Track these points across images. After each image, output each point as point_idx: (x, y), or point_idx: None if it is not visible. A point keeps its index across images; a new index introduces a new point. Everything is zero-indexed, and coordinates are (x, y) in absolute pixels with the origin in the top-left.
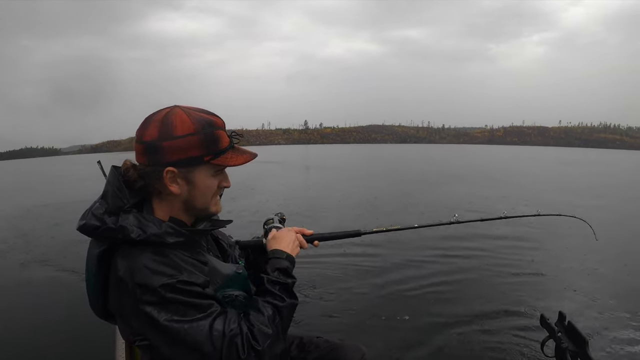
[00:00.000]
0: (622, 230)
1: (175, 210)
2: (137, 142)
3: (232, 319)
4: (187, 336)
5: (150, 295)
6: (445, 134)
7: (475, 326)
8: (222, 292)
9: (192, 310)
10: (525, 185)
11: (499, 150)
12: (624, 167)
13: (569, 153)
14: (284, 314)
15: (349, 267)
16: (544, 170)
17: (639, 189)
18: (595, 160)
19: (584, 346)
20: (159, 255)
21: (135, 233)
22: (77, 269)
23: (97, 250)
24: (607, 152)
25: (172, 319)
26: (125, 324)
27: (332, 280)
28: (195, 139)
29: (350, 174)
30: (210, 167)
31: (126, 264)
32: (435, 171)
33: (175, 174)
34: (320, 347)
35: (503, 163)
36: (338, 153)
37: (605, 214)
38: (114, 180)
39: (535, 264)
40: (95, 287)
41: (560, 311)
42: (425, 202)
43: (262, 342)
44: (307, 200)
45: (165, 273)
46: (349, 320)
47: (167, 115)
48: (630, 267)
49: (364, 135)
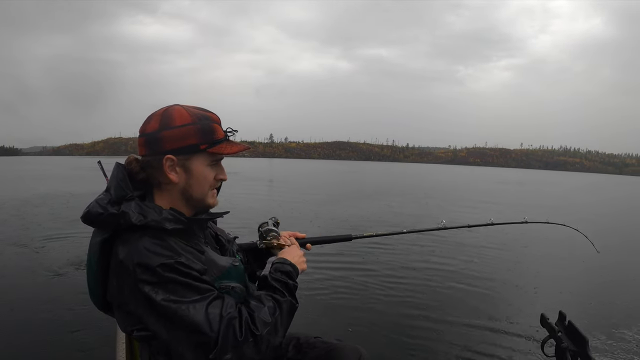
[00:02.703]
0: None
1: (174, 201)
2: (140, 136)
3: (230, 303)
4: (184, 317)
5: (149, 274)
6: (409, 153)
7: (475, 327)
8: (218, 283)
9: (190, 292)
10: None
11: (455, 169)
12: (565, 187)
13: (518, 174)
14: (283, 309)
15: (346, 269)
16: (474, 187)
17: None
18: (537, 180)
19: (585, 346)
20: (158, 239)
21: (136, 218)
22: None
23: (100, 238)
24: (562, 174)
25: (170, 299)
26: (123, 311)
27: (331, 280)
28: (192, 128)
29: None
30: (206, 157)
31: (126, 248)
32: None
33: (174, 162)
34: (318, 347)
35: (442, 181)
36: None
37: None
38: (117, 173)
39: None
40: (97, 275)
41: (561, 311)
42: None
43: (261, 329)
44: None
45: (164, 254)
46: (347, 321)
47: (167, 109)
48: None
49: (329, 151)
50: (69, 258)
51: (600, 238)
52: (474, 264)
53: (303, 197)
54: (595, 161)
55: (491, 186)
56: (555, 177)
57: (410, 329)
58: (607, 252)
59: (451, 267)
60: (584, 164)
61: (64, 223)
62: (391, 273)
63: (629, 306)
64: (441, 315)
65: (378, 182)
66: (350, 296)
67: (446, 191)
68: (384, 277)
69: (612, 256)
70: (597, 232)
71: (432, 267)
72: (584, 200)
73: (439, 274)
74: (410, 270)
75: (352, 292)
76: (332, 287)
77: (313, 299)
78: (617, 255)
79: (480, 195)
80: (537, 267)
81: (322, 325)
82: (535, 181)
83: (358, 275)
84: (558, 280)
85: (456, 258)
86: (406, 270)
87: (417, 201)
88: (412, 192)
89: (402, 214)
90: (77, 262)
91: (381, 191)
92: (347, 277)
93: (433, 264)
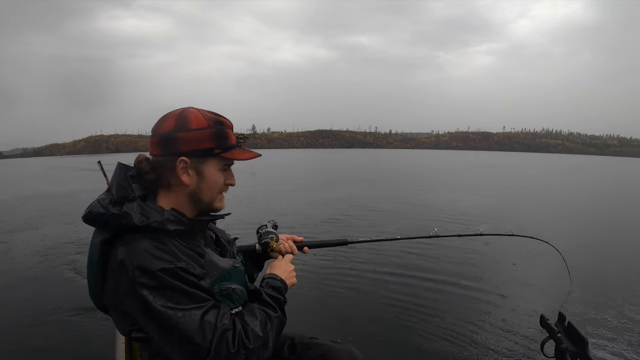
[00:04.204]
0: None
1: (180, 202)
2: (153, 135)
3: (225, 314)
4: (178, 324)
5: (148, 278)
6: (393, 139)
7: (473, 327)
8: (219, 285)
9: (187, 299)
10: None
11: (437, 154)
12: (542, 169)
13: (499, 157)
14: (274, 324)
15: (344, 270)
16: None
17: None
18: (514, 163)
19: (584, 347)
20: (158, 242)
21: (138, 219)
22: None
23: (101, 237)
24: (544, 156)
25: (167, 305)
26: (119, 312)
27: (329, 280)
28: (208, 133)
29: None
30: (219, 161)
31: (126, 249)
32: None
33: (187, 164)
34: (312, 349)
35: (420, 166)
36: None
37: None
38: (119, 173)
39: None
40: (97, 274)
41: (560, 312)
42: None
43: (253, 342)
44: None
45: (165, 259)
46: (344, 322)
47: (183, 111)
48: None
49: (312, 140)
50: (68, 257)
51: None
52: (471, 265)
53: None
54: (577, 142)
55: (465, 170)
56: (534, 160)
57: (406, 330)
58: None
59: (450, 267)
60: (566, 146)
61: (65, 223)
62: (391, 272)
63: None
64: (437, 316)
65: (352, 175)
66: (345, 296)
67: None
68: (381, 278)
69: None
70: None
71: (431, 267)
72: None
73: (436, 274)
74: (407, 271)
75: (349, 293)
76: (330, 287)
77: (311, 298)
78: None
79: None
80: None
81: (317, 325)
82: (509, 163)
83: (354, 276)
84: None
85: (453, 259)
86: (404, 270)
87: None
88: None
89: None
90: (77, 261)
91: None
92: (344, 278)
93: (431, 265)
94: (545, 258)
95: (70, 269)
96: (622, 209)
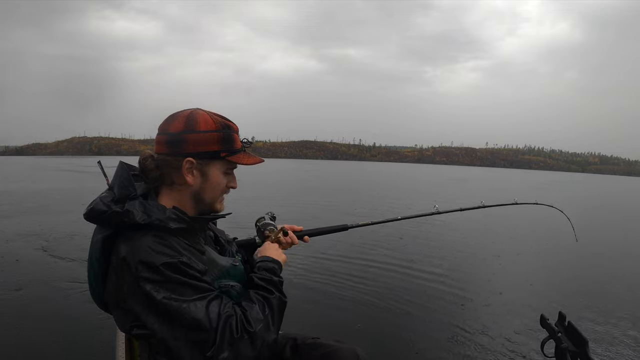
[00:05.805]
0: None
1: (182, 201)
2: (161, 134)
3: (227, 303)
4: (184, 314)
5: (151, 272)
6: (376, 152)
7: (475, 327)
8: (218, 282)
9: (190, 291)
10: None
11: (419, 168)
12: (515, 185)
13: (478, 172)
14: (274, 305)
15: (344, 268)
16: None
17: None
18: (489, 177)
19: (584, 346)
20: (160, 238)
21: (140, 217)
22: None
23: (102, 235)
24: (524, 172)
25: (171, 297)
26: (121, 309)
27: (328, 281)
28: (216, 136)
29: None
30: (223, 164)
31: (129, 246)
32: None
33: (193, 164)
34: (315, 349)
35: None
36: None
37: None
38: (121, 172)
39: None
40: (98, 272)
41: (560, 311)
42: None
43: (254, 325)
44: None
45: (167, 253)
46: (346, 322)
47: (192, 113)
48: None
49: (296, 150)
50: (67, 257)
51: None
52: (471, 265)
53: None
54: (559, 160)
55: (444, 183)
56: (512, 175)
57: (408, 329)
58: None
59: (449, 268)
60: (547, 163)
61: (67, 222)
62: (390, 272)
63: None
64: (440, 314)
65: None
66: (346, 296)
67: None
68: (382, 276)
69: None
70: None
71: (429, 268)
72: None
73: (436, 275)
74: (408, 270)
75: (348, 292)
76: (330, 287)
77: (311, 298)
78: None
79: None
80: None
81: (319, 325)
82: (483, 178)
83: (355, 275)
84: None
85: (453, 258)
86: (403, 270)
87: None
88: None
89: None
90: (77, 259)
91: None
92: (344, 277)
93: (430, 264)
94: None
95: (70, 263)
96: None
